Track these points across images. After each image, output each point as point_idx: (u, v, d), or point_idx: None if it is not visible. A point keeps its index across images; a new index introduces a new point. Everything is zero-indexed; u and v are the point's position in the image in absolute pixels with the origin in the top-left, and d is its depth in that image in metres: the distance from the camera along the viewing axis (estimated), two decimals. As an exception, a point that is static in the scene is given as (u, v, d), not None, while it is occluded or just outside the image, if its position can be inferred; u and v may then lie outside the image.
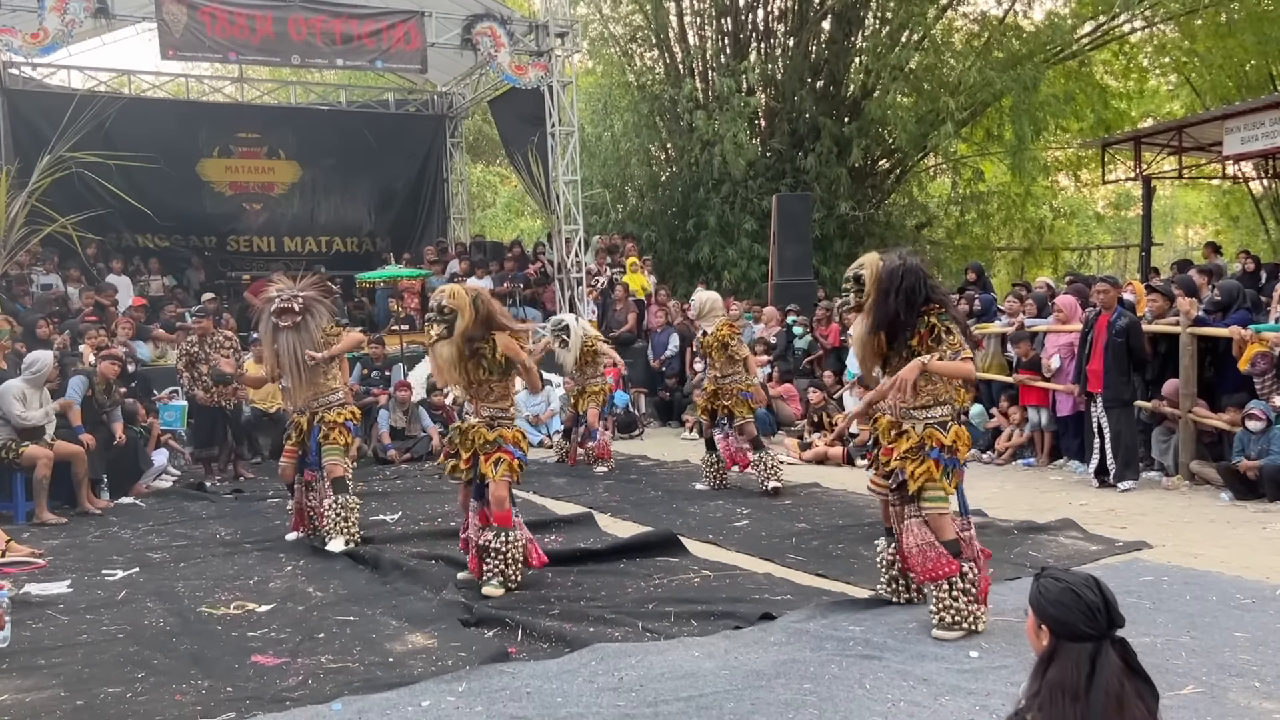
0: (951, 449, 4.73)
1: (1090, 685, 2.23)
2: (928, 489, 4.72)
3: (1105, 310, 8.43)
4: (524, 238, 22.92)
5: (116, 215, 15.50)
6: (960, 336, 4.74)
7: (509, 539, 5.65)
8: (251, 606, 5.55)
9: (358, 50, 14.06)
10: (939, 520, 4.74)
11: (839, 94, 20.50)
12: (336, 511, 6.81)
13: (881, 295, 4.73)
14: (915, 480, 4.72)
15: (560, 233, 15.69)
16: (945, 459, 4.72)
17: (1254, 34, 18.47)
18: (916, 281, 4.69)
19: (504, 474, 5.66)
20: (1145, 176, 17.24)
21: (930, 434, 4.73)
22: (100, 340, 10.42)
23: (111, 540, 7.51)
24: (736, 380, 8.59)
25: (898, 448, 4.81)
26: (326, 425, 6.90)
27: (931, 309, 4.74)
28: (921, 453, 4.72)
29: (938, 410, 4.79)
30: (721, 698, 4.00)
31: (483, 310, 5.66)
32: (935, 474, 4.69)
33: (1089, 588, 2.35)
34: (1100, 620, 2.30)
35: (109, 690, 4.31)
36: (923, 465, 4.71)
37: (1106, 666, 2.26)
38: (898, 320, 4.73)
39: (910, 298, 4.68)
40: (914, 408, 4.79)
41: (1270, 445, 7.58)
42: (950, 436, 4.74)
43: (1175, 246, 32.39)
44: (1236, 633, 4.61)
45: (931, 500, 4.74)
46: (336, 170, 18.43)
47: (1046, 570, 2.53)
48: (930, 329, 4.72)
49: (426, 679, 4.29)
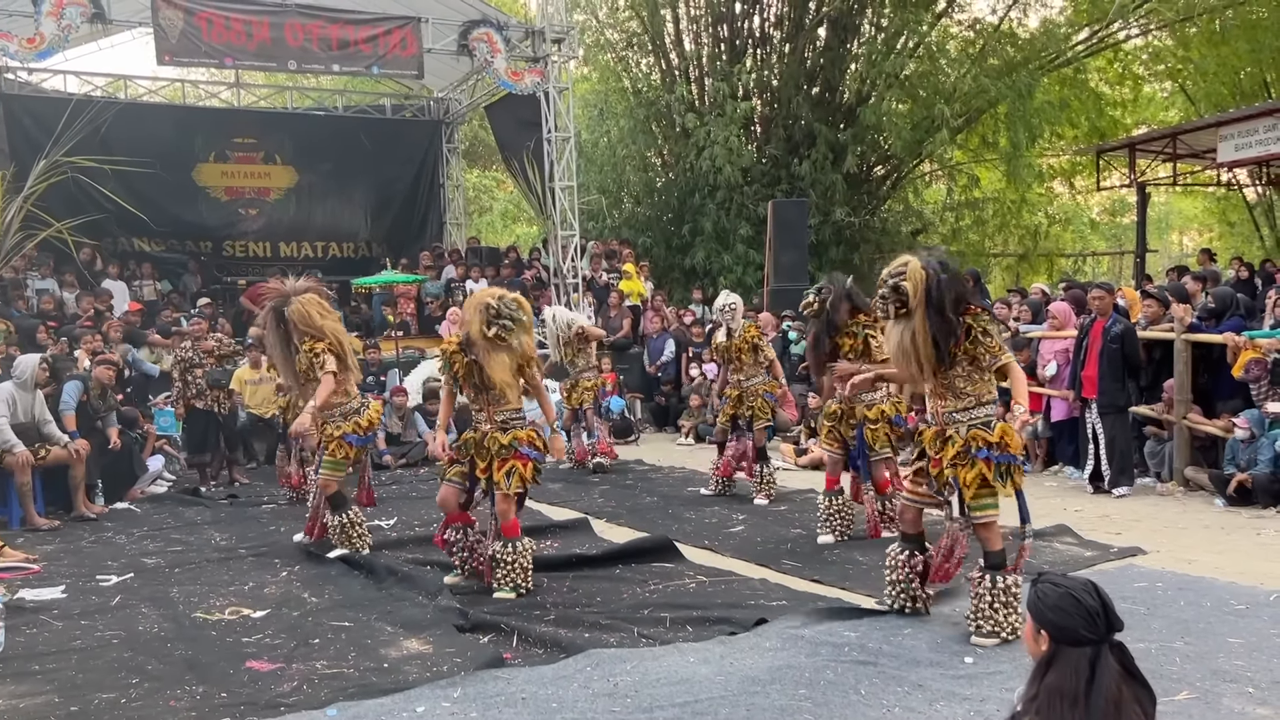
0: (1001, 445, 4.63)
1: (1090, 690, 2.24)
2: (982, 494, 4.64)
3: (1100, 316, 8.46)
4: (520, 243, 22.93)
5: (112, 220, 15.48)
6: (998, 339, 4.72)
7: (517, 549, 5.69)
8: (246, 612, 5.55)
9: (354, 56, 14.07)
10: (988, 530, 4.69)
11: (834, 100, 20.53)
12: (339, 530, 6.82)
13: (937, 311, 4.61)
14: (969, 487, 4.63)
15: (557, 238, 15.71)
16: (996, 456, 4.62)
17: (1248, 42, 18.52)
18: (962, 289, 4.66)
19: (516, 486, 5.66)
20: (1140, 183, 17.31)
21: (974, 435, 4.66)
22: (96, 345, 10.41)
23: (106, 545, 7.49)
24: (762, 383, 8.53)
25: (945, 455, 4.73)
26: (326, 438, 6.90)
27: (970, 311, 4.68)
28: (969, 455, 4.64)
29: (980, 411, 4.72)
30: (717, 703, 4.00)
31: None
32: (989, 474, 4.61)
33: (1088, 593, 2.36)
34: (1100, 625, 2.31)
35: (103, 696, 4.31)
36: (973, 469, 4.62)
37: (1106, 671, 2.26)
38: (954, 333, 4.64)
39: (957, 308, 4.63)
40: (956, 411, 4.73)
41: (1258, 454, 7.60)
42: (996, 434, 4.65)
43: (1170, 253, 32.46)
44: (1231, 638, 4.63)
45: (982, 508, 4.67)
46: (333, 175, 18.42)
47: (1044, 576, 2.53)
48: (968, 331, 4.66)
49: (421, 684, 4.29)
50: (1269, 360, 8.06)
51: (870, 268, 20.56)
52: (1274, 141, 13.73)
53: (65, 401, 8.65)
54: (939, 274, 4.64)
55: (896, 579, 5.07)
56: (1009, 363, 4.68)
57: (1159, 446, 8.75)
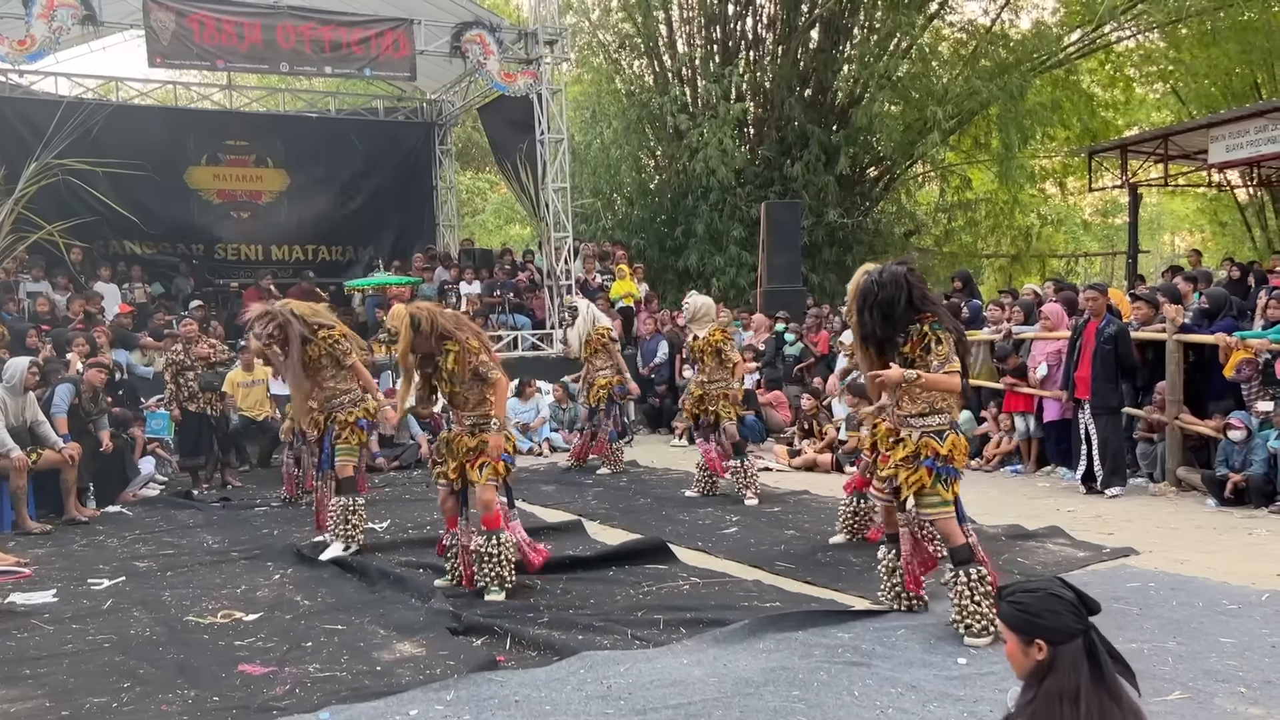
0: (947, 458, 4.75)
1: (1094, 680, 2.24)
2: (927, 495, 4.74)
3: (1094, 317, 8.46)
4: (513, 245, 22.93)
5: (104, 222, 15.44)
6: (949, 347, 4.75)
7: (500, 541, 5.65)
8: (239, 615, 5.53)
9: (347, 58, 14.05)
10: (946, 524, 4.77)
11: (827, 102, 20.57)
12: (339, 513, 6.84)
13: (857, 311, 4.82)
14: (908, 487, 4.76)
15: (550, 240, 15.70)
16: (940, 467, 4.74)
17: (1238, 43, 18.62)
18: (895, 293, 4.70)
19: (489, 476, 5.66)
20: (1132, 184, 17.36)
21: (926, 443, 4.76)
22: (87, 348, 10.38)
23: (98, 549, 7.46)
24: (723, 385, 8.62)
25: (894, 455, 4.84)
26: (339, 425, 6.97)
27: (925, 318, 4.75)
28: (915, 461, 4.75)
29: (935, 419, 4.80)
30: (710, 705, 3.99)
31: (427, 327, 5.64)
32: (927, 481, 4.72)
33: (1060, 585, 2.38)
34: (1083, 611, 2.33)
35: (94, 700, 4.29)
36: (915, 474, 4.74)
37: (1102, 658, 2.27)
38: (875, 335, 4.78)
39: (886, 310, 4.71)
40: (911, 415, 4.81)
41: (1252, 455, 7.62)
42: (946, 446, 4.75)
43: (1162, 253, 32.59)
44: (1222, 638, 4.64)
45: (931, 505, 4.76)
46: (325, 178, 18.39)
47: (1006, 590, 2.49)
48: (921, 337, 4.74)
49: (414, 688, 4.27)
50: (1260, 361, 8.09)
51: (863, 269, 20.56)
52: (1265, 142, 13.80)
53: (56, 405, 8.62)
54: (873, 278, 4.76)
55: (889, 581, 5.14)
56: (954, 372, 4.72)
57: (1151, 447, 8.77)
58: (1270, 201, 20.82)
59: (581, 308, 10.65)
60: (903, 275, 4.76)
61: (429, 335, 5.65)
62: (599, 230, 20.26)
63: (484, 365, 5.72)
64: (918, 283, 4.82)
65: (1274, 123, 13.58)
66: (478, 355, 5.71)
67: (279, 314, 6.95)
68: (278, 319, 6.93)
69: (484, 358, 5.76)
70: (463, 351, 5.65)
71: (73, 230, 13.56)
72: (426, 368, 5.82)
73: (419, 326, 5.63)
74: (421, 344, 5.69)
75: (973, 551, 4.77)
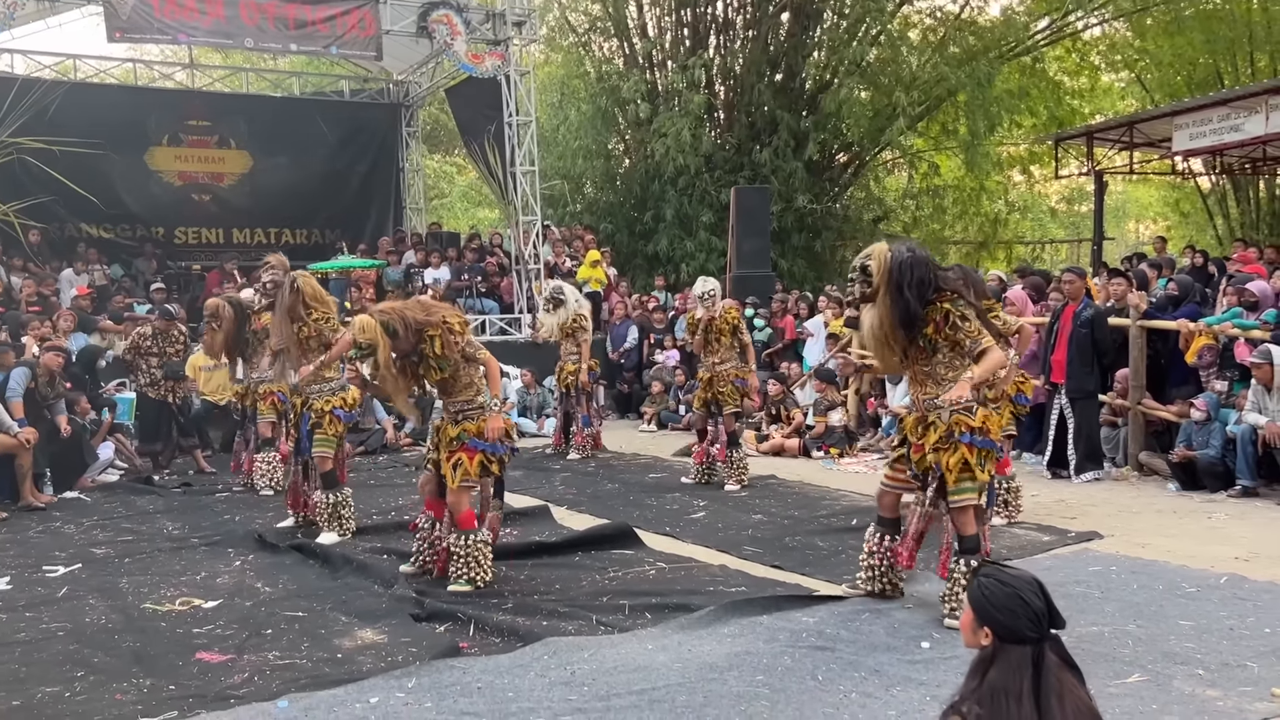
0: (983, 430, 4.66)
1: (1035, 686, 2.25)
2: (962, 479, 4.64)
3: (1072, 301, 8.44)
4: (481, 228, 22.75)
5: (60, 203, 15.08)
6: (977, 323, 4.68)
7: (470, 541, 5.56)
8: (197, 603, 5.44)
9: (311, 36, 13.83)
10: (964, 514, 4.69)
11: (796, 87, 20.54)
12: (329, 509, 6.78)
13: (895, 289, 4.64)
14: (951, 471, 4.64)
15: (518, 224, 15.58)
16: (979, 441, 4.65)
17: (1203, 32, 18.79)
18: (926, 272, 4.64)
19: (461, 478, 5.53)
20: (1097, 171, 17.49)
21: (958, 420, 4.66)
22: (44, 332, 10.17)
23: (54, 535, 7.33)
24: (733, 367, 8.54)
25: (926, 441, 4.74)
26: (316, 413, 6.86)
27: (944, 296, 4.67)
28: (951, 440, 4.66)
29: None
30: (674, 691, 3.98)
31: (400, 328, 5.45)
32: (971, 459, 4.62)
33: (1034, 592, 2.34)
34: (1043, 625, 2.31)
35: (47, 690, 4.20)
36: (956, 454, 4.64)
37: (1048, 667, 2.27)
38: (909, 314, 4.65)
39: (922, 290, 4.62)
40: (938, 397, 4.73)
41: (1210, 439, 7.70)
42: (979, 419, 4.66)
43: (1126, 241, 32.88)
44: (1182, 621, 4.69)
45: (961, 492, 4.66)
46: (289, 160, 18.08)
47: (985, 568, 2.50)
48: (945, 316, 4.65)
49: (375, 675, 4.23)
50: (1219, 345, 8.19)
51: (832, 255, 20.67)
52: (1227, 131, 13.93)
53: (11, 389, 8.44)
54: (904, 256, 4.66)
55: (873, 563, 5.07)
56: (989, 347, 4.65)
57: (1114, 432, 8.85)
58: (1232, 190, 21.08)
59: (569, 294, 10.54)
60: (927, 255, 4.71)
61: (405, 335, 5.46)
62: (567, 214, 20.15)
63: (470, 345, 5.61)
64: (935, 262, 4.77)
65: (1236, 112, 13.71)
66: (463, 335, 5.59)
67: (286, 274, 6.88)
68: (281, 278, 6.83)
69: (469, 337, 5.66)
70: (445, 333, 5.51)
71: (29, 211, 13.25)
72: (410, 363, 5.60)
73: (394, 332, 5.42)
74: (401, 345, 5.49)
75: (980, 543, 4.74)
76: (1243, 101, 13.66)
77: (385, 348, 5.39)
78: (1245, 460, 7.43)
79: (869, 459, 9.86)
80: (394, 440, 11.54)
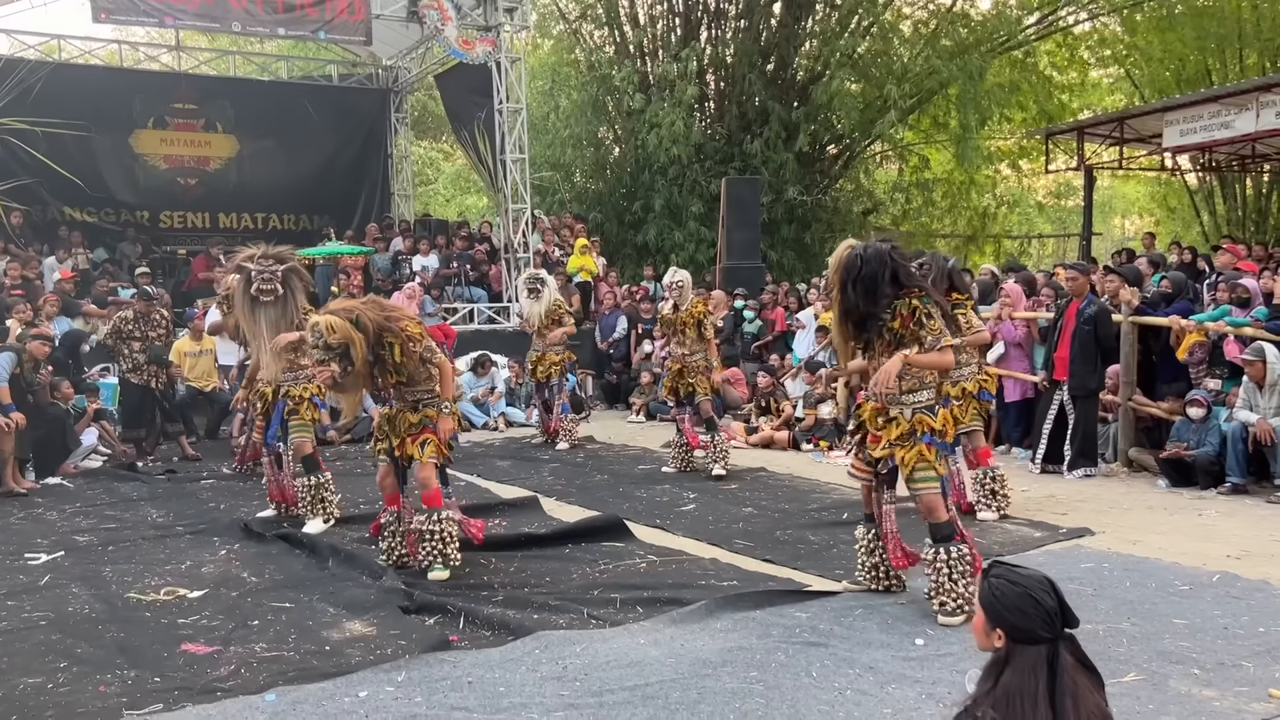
0: (942, 433, 4.77)
1: (1050, 689, 2.21)
2: (919, 469, 4.72)
3: (1075, 298, 8.37)
4: (469, 216, 22.61)
5: (44, 186, 14.90)
6: (941, 322, 4.71)
7: (440, 518, 5.55)
8: (183, 592, 5.37)
9: (300, 20, 13.69)
10: (932, 500, 4.75)
11: (788, 78, 20.48)
12: (310, 492, 6.73)
13: (840, 286, 4.74)
14: (906, 466, 4.73)
15: (507, 211, 15.48)
16: (937, 443, 4.75)
17: (1194, 29, 18.81)
18: (879, 269, 4.64)
19: (431, 454, 5.56)
20: (1087, 166, 17.51)
21: (920, 420, 4.75)
22: (27, 315, 10.04)
23: (36, 522, 7.23)
24: (702, 358, 8.63)
25: (887, 434, 4.80)
26: (293, 400, 6.81)
27: (911, 293, 4.69)
28: (913, 438, 4.74)
29: (924, 394, 4.80)
30: (667, 686, 3.94)
31: (368, 324, 5.40)
32: (929, 456, 4.71)
33: (1046, 591, 2.30)
34: (1057, 624, 2.27)
35: (28, 681, 4.13)
36: (913, 450, 4.72)
37: (1063, 668, 2.23)
38: (858, 310, 4.71)
39: (870, 286, 4.64)
40: (901, 393, 4.77)
41: (1207, 436, 7.70)
42: (940, 421, 4.77)
43: (1113, 236, 33.00)
44: (1175, 619, 4.67)
45: (922, 481, 4.74)
46: (276, 145, 17.89)
47: (997, 568, 2.46)
48: (912, 312, 4.68)
49: (364, 668, 4.18)
50: (1210, 343, 8.19)
51: (821, 247, 20.63)
52: (1218, 128, 13.95)
53: (-4, 374, 8.33)
54: (860, 253, 4.69)
55: (869, 561, 5.09)
56: (948, 346, 4.69)
57: (1104, 428, 8.84)
58: (1219, 187, 21.15)
59: (549, 281, 10.54)
60: (887, 252, 4.71)
61: (370, 332, 5.42)
62: (556, 203, 20.04)
63: (428, 350, 5.60)
64: (902, 260, 4.76)
65: (1227, 108, 13.73)
66: (421, 341, 5.57)
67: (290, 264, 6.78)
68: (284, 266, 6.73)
69: (427, 342, 5.63)
70: (404, 342, 5.49)
71: (11, 193, 13.07)
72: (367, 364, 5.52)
73: (364, 326, 5.37)
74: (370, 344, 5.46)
75: (954, 529, 4.77)
76: (1233, 98, 13.68)
77: (360, 344, 5.35)
78: (1236, 457, 7.43)
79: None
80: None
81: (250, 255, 6.86)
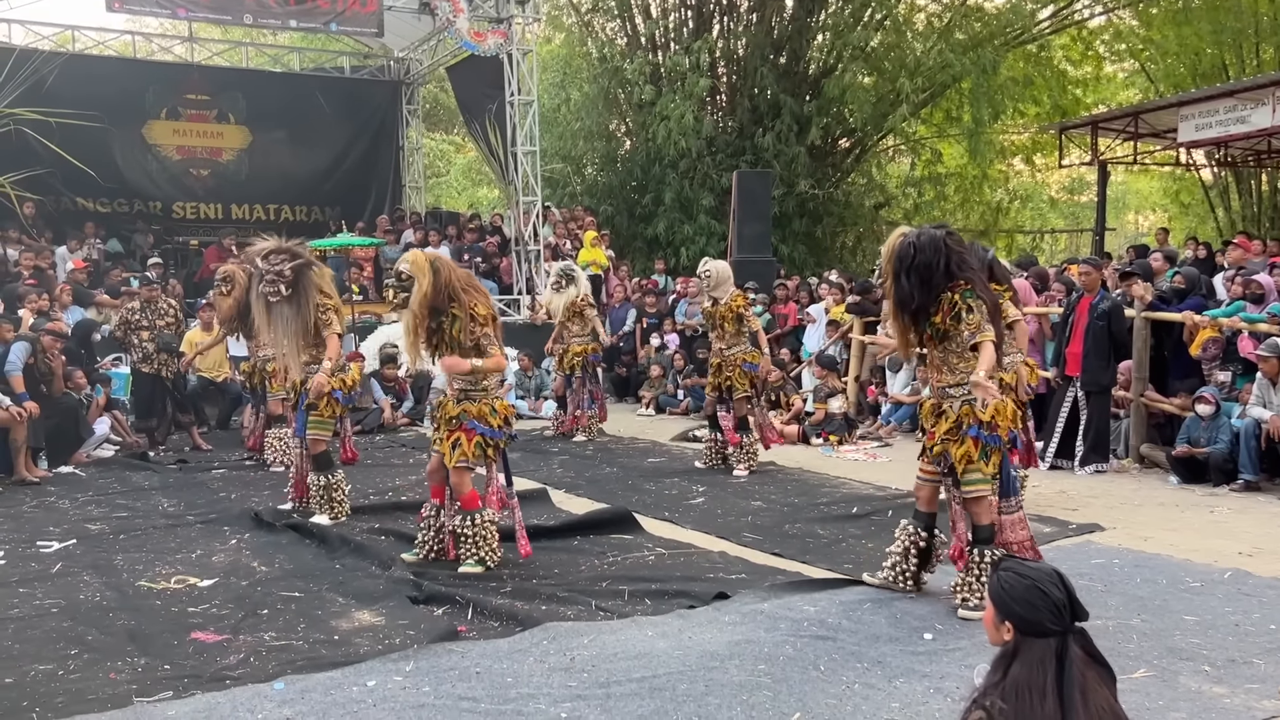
0: (990, 425, 4.60)
1: (1059, 682, 2.21)
2: (968, 471, 4.62)
3: (1088, 293, 8.31)
4: (480, 208, 22.62)
5: (56, 176, 14.94)
6: (980, 316, 4.58)
7: (476, 521, 5.51)
8: (193, 581, 5.40)
9: (312, 12, 13.72)
10: (976, 504, 4.66)
11: (800, 72, 20.40)
12: (320, 492, 6.69)
13: (894, 276, 4.64)
14: (959, 463, 4.62)
15: (518, 204, 15.48)
16: (985, 436, 4.60)
17: (1210, 23, 18.64)
18: (932, 258, 4.56)
19: (459, 459, 5.46)
20: (1101, 161, 17.41)
21: (966, 412, 4.63)
22: (41, 305, 10.10)
23: (48, 511, 7.27)
24: (742, 352, 8.48)
25: (938, 430, 4.73)
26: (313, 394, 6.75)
27: (957, 285, 4.60)
28: (960, 432, 4.63)
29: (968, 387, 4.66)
30: (675, 679, 3.94)
31: (444, 278, 5.42)
32: (974, 453, 4.59)
33: (1054, 584, 2.31)
34: (1065, 617, 2.28)
35: (40, 668, 4.16)
36: (962, 446, 4.62)
37: (1072, 661, 2.23)
38: (912, 300, 4.61)
39: (925, 276, 4.56)
40: (949, 386, 4.70)
41: (1218, 433, 7.65)
42: (988, 413, 4.59)
43: (1126, 231, 32.83)
44: (1186, 616, 4.65)
45: (970, 483, 4.65)
46: (288, 136, 17.96)
47: (1006, 561, 2.48)
48: (951, 306, 4.59)
49: (373, 658, 4.18)
50: (1224, 338, 8.14)
51: (833, 241, 20.59)
52: (1234, 123, 13.84)
53: (11, 363, 8.35)
54: (913, 241, 4.61)
55: (903, 565, 4.95)
56: (984, 341, 4.56)
57: (1115, 424, 8.80)
58: (1234, 183, 21.00)
59: (579, 275, 10.53)
60: (941, 239, 4.61)
61: (443, 289, 5.41)
62: (566, 196, 20.03)
63: (486, 338, 5.47)
64: (956, 247, 4.65)
65: (1243, 103, 13.61)
66: (483, 328, 5.47)
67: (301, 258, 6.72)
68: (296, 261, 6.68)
69: (488, 330, 5.50)
70: (466, 320, 5.42)
71: (25, 183, 13.11)
72: (430, 322, 5.50)
73: (440, 276, 5.40)
74: (436, 296, 5.42)
75: (995, 534, 4.69)
76: (1250, 93, 13.57)
77: (425, 284, 5.36)
78: (1249, 454, 7.39)
79: (868, 446, 9.82)
80: (391, 420, 11.48)
81: (262, 251, 6.81)
